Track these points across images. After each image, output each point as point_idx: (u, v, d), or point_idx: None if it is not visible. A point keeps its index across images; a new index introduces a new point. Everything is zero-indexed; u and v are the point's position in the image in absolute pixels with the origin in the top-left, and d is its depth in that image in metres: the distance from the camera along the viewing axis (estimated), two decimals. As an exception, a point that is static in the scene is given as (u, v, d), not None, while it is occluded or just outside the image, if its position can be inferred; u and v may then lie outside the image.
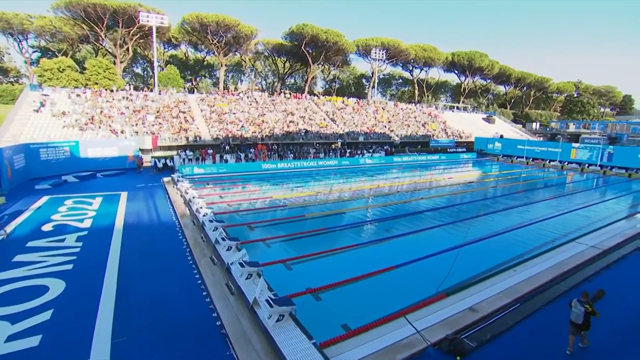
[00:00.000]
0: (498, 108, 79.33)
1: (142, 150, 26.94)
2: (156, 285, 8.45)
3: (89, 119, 28.34)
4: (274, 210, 16.47)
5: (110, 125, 28.27)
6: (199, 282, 8.62)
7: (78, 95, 31.57)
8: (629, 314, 7.83)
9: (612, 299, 7.71)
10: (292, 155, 32.05)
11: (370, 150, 38.52)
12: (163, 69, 55.76)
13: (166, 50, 64.76)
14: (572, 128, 59.19)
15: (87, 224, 12.99)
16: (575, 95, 73.64)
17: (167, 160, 26.73)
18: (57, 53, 48.41)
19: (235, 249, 9.77)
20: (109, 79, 39.36)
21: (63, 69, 37.55)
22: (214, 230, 11.24)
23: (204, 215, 12.77)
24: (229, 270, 8.69)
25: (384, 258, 10.61)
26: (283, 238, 12.39)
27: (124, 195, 17.87)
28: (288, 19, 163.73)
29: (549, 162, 35.90)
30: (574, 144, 35.95)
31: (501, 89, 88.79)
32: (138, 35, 48.46)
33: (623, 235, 12.99)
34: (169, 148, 28.90)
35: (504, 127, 58.54)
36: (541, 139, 56.36)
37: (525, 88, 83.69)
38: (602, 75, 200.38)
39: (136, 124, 29.55)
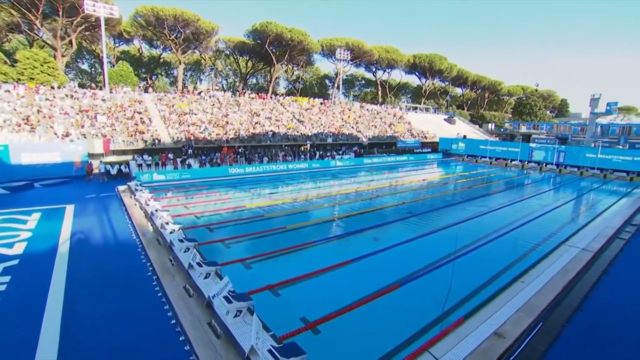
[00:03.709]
0: (457, 109, 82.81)
1: (91, 155, 23.75)
2: (116, 332, 6.65)
3: (23, 119, 24.49)
4: (249, 222, 14.83)
5: (51, 127, 24.64)
6: (173, 322, 6.94)
7: (7, 91, 27.27)
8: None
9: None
10: (266, 158, 30.27)
11: (340, 152, 37.77)
12: (114, 65, 50.87)
13: (117, 45, 59.14)
14: (523, 129, 63.26)
15: (19, 249, 10.48)
16: (524, 98, 78.87)
17: (122, 166, 23.81)
18: (-20, 43, 42.00)
19: (215, 275, 8.20)
20: (49, 74, 34.62)
21: (-12, 61, 32.48)
22: (185, 252, 9.52)
23: (171, 233, 10.93)
24: (210, 304, 7.13)
25: (380, 274, 9.68)
26: (264, 256, 10.85)
27: (69, 208, 15.22)
28: (251, 16, 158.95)
29: (511, 162, 37.50)
30: (531, 144, 37.93)
31: (458, 91, 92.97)
32: (83, 27, 43.22)
33: (605, 235, 13.16)
34: (124, 152, 25.82)
35: (464, 128, 60.97)
36: (497, 138, 59.48)
37: (479, 90, 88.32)
38: (544, 80, 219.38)
39: (83, 126, 26.10)
